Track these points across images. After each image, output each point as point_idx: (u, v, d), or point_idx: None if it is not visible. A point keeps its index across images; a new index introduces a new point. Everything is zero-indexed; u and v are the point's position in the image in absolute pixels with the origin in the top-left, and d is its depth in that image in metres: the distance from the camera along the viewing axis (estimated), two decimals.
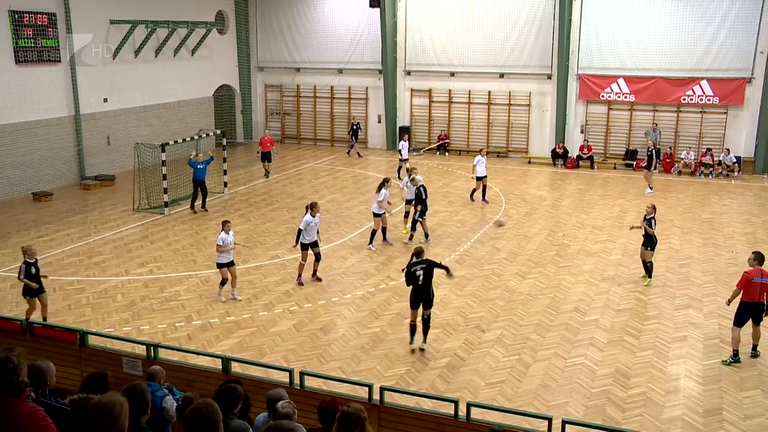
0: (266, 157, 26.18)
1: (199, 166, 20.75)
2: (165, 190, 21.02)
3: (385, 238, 18.17)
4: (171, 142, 22.02)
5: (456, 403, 7.52)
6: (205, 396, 5.73)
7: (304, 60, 33.69)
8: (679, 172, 27.38)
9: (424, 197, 17.83)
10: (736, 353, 11.67)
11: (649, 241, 15.17)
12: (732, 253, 17.50)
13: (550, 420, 7.15)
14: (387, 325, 13.17)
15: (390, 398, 8.02)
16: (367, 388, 7.82)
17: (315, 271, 15.50)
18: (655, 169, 25.49)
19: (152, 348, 8.84)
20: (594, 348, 12.10)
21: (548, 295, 14.67)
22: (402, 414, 7.75)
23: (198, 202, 21.37)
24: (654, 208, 15.41)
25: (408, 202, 18.79)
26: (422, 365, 11.54)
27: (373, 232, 17.89)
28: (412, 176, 18.30)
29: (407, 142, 25.75)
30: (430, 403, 9.26)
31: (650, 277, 15.37)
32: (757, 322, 11.66)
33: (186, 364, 8.99)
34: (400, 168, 24.80)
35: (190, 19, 28.81)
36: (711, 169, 26.97)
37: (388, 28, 30.87)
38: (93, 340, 9.42)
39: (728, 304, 12.09)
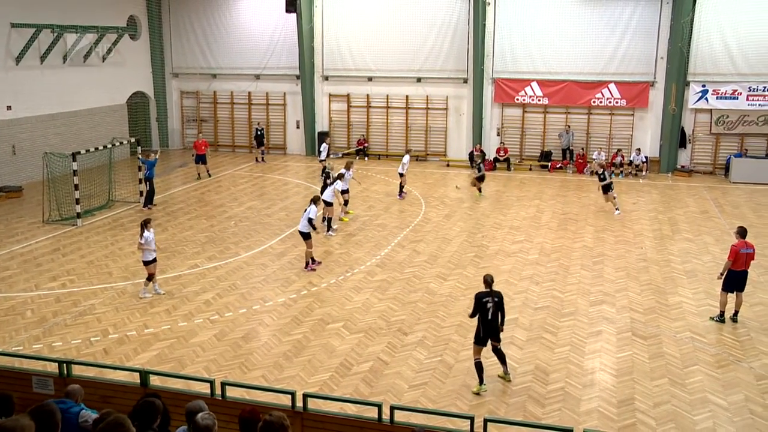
0: (201, 159, 26.77)
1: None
2: (77, 201, 20.27)
3: (330, 228, 19.55)
4: (83, 151, 21.26)
5: (379, 407, 7.55)
6: (122, 412, 5.57)
7: (220, 66, 33.19)
8: (592, 173, 28.37)
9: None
10: (722, 314, 13.52)
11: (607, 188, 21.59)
12: (641, 249, 18.25)
13: (472, 419, 7.28)
14: (309, 331, 13.10)
15: (313, 405, 7.99)
16: (290, 396, 7.77)
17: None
18: (565, 168, 26.60)
19: (65, 365, 8.49)
20: (514, 346, 12.37)
21: (469, 296, 14.86)
22: (325, 420, 7.74)
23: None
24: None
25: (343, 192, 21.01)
26: (345, 370, 11.54)
27: (329, 219, 19.53)
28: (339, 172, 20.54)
29: (326, 144, 27.24)
30: (354, 408, 9.28)
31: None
32: (739, 290, 13.42)
33: (102, 380, 8.69)
34: (324, 169, 24.94)
35: (100, 24, 27.92)
36: (621, 168, 28.08)
37: (305, 34, 30.81)
38: None
39: (720, 278, 13.62)
